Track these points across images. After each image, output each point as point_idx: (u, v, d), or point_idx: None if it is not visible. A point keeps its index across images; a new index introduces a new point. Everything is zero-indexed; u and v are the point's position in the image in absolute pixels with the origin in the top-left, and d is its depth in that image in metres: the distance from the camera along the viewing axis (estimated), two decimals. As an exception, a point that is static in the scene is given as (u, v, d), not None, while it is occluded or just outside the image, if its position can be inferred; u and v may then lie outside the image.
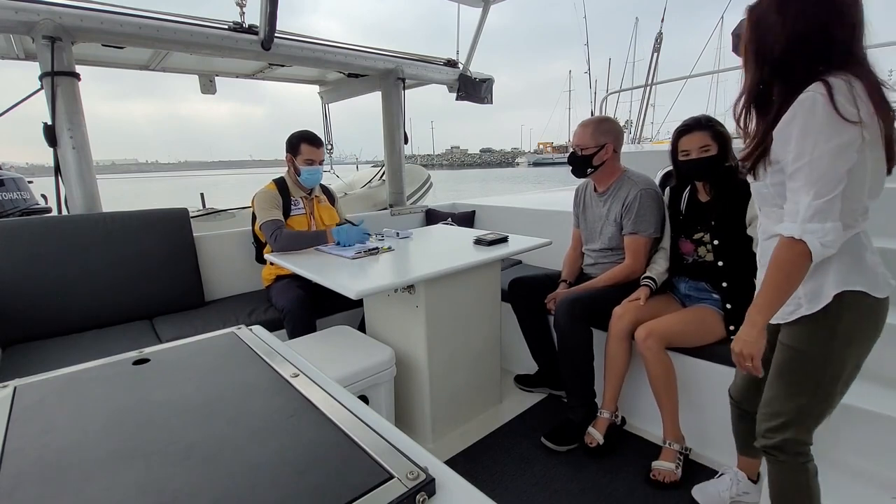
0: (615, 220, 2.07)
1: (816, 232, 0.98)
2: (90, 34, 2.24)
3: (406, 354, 1.98)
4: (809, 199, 0.98)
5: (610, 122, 2.14)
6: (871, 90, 0.97)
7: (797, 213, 1.00)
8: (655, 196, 2.00)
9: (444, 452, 1.92)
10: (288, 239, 2.19)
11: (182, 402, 0.71)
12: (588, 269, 2.27)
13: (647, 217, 1.97)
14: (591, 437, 1.90)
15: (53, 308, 2.09)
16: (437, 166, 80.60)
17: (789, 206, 1.03)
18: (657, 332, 1.73)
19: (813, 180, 0.98)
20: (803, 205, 0.99)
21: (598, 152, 2.03)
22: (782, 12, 1.03)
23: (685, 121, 1.81)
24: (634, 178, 2.05)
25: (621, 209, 2.03)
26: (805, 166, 0.98)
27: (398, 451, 0.56)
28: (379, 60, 3.28)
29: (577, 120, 9.27)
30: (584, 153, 2.04)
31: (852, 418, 1.50)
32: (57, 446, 0.60)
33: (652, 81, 4.88)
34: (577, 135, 2.09)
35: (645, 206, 1.96)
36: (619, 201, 2.05)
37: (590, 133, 2.04)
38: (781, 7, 1.04)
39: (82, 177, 2.26)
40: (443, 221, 3.44)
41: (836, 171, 0.97)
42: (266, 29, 2.54)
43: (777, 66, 1.06)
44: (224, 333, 0.98)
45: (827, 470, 1.47)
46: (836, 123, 0.95)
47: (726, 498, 1.56)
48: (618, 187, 2.08)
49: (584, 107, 53.52)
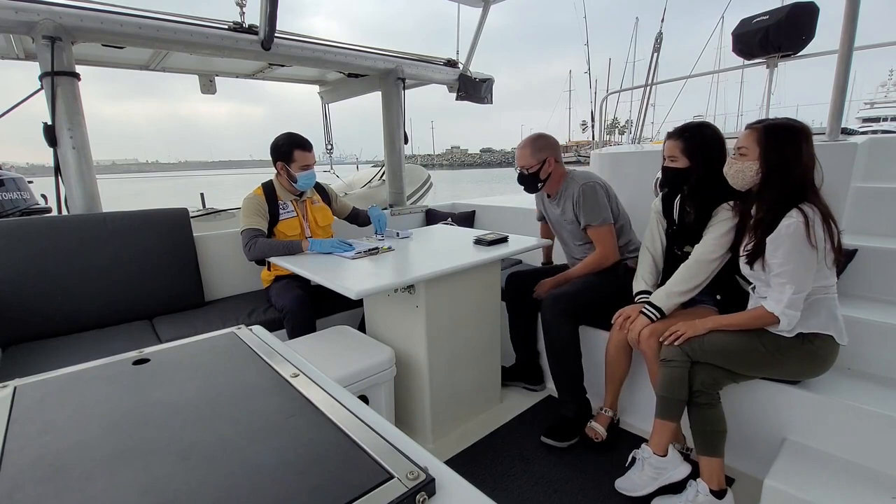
0: (571, 218, 2.21)
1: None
2: (90, 34, 2.24)
3: (406, 354, 1.98)
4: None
5: (544, 137, 2.24)
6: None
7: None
8: (595, 187, 2.13)
9: (444, 452, 1.92)
10: (260, 249, 2.17)
11: (182, 402, 0.71)
12: (566, 259, 2.42)
13: (594, 208, 2.11)
14: (595, 432, 1.93)
15: (53, 308, 2.09)
16: (437, 166, 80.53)
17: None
18: (658, 332, 1.73)
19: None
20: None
21: (541, 167, 2.18)
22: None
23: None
24: (576, 178, 2.20)
25: (573, 207, 2.18)
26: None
27: (398, 451, 0.56)
28: (379, 60, 3.27)
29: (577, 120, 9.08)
30: (531, 171, 2.19)
31: (852, 418, 1.50)
32: (57, 446, 0.60)
33: (652, 81, 4.87)
34: (519, 157, 2.23)
35: (588, 199, 2.11)
36: (568, 200, 2.21)
37: (529, 153, 2.18)
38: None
39: (82, 177, 2.25)
40: (443, 221, 3.44)
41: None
42: (266, 29, 2.54)
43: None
44: (224, 333, 0.98)
45: (827, 470, 1.47)
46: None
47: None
48: (565, 189, 2.23)
49: (584, 107, 53.49)
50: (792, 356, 1.52)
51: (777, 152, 1.47)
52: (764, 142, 1.49)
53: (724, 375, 1.57)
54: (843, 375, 1.67)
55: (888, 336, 1.64)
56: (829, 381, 1.62)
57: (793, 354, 1.52)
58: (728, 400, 1.71)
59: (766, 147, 1.49)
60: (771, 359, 1.53)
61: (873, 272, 1.88)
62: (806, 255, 1.41)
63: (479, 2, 3.47)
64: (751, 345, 1.54)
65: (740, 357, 1.55)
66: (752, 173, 1.52)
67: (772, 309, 1.48)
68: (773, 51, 2.79)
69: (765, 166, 1.49)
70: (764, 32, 2.74)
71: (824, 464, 1.50)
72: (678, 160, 1.78)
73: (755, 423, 1.70)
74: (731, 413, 1.74)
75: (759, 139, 1.50)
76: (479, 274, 2.07)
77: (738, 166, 1.55)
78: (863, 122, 24.50)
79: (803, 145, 1.46)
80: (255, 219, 2.25)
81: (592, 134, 7.06)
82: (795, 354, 1.51)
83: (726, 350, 1.56)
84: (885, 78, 35.46)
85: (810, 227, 1.39)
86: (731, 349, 1.55)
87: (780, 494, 1.39)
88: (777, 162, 1.47)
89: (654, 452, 1.61)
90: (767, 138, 1.49)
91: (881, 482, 1.40)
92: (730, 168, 1.58)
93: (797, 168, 1.45)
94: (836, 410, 1.53)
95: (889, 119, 24.81)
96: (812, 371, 1.56)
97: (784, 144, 1.47)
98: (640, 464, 1.64)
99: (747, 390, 1.69)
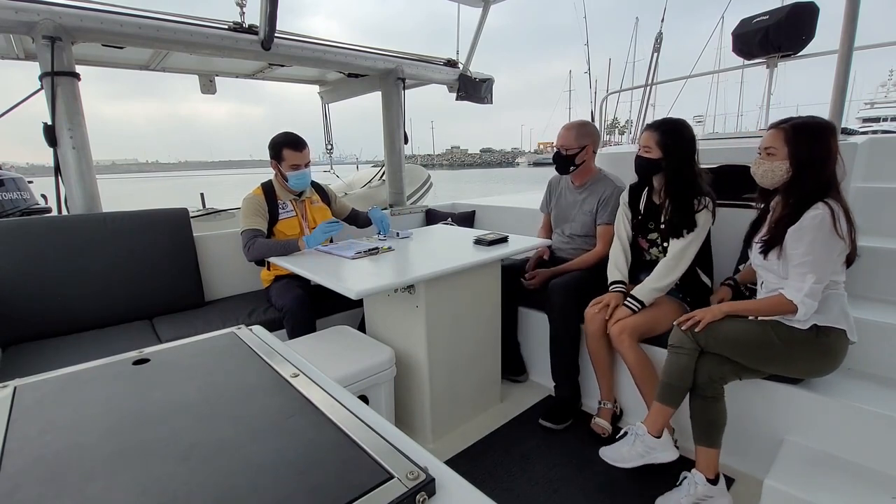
0: (590, 210, 2.29)
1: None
2: (90, 34, 2.24)
3: (406, 354, 1.98)
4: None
5: (590, 125, 2.32)
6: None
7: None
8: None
9: (444, 452, 1.92)
10: (258, 250, 2.17)
11: (182, 402, 0.71)
12: (558, 248, 2.47)
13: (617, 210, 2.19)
14: (602, 428, 1.98)
15: (53, 308, 2.09)
16: (437, 166, 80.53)
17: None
18: (629, 328, 1.83)
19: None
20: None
21: (579, 153, 2.26)
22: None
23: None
24: (612, 178, 2.30)
25: (597, 203, 2.26)
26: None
27: (398, 451, 0.56)
28: (379, 60, 3.27)
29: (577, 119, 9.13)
30: (568, 153, 2.26)
31: (852, 418, 1.50)
32: (57, 446, 0.60)
33: (652, 81, 4.88)
34: (562, 136, 2.29)
35: (618, 202, 2.19)
36: (595, 195, 2.28)
37: (573, 136, 2.25)
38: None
39: (82, 177, 2.25)
40: (443, 221, 3.44)
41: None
42: (266, 29, 2.54)
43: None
44: (224, 333, 0.98)
45: (827, 470, 1.47)
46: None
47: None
48: (594, 183, 2.31)
49: (584, 107, 53.51)
50: (805, 350, 1.50)
51: (807, 151, 1.48)
52: (793, 141, 1.49)
53: (732, 370, 1.56)
54: (844, 375, 1.67)
55: (888, 336, 1.64)
56: (829, 380, 1.62)
57: (806, 348, 1.50)
58: (729, 399, 1.72)
59: (795, 146, 1.49)
60: (784, 351, 1.51)
61: (874, 272, 1.88)
62: (831, 246, 1.42)
63: (479, 2, 3.47)
64: (765, 335, 1.52)
65: (753, 348, 1.53)
66: (782, 172, 1.52)
67: (791, 297, 1.47)
68: (773, 51, 2.79)
69: (795, 165, 1.49)
70: (764, 32, 2.74)
71: (824, 464, 1.50)
72: (652, 151, 1.87)
73: (755, 423, 1.70)
74: (732, 412, 1.74)
75: (787, 138, 1.50)
76: (479, 274, 2.07)
77: (767, 166, 1.54)
78: (863, 122, 24.53)
79: (832, 141, 1.47)
80: (254, 219, 2.25)
81: (592, 134, 7.06)
82: (808, 348, 1.50)
83: (739, 340, 1.54)
84: (885, 78, 35.48)
85: (836, 220, 1.41)
86: (744, 339, 1.54)
87: (780, 494, 1.39)
88: (807, 160, 1.47)
89: (649, 432, 1.64)
90: (796, 137, 1.49)
91: (881, 482, 1.40)
92: (758, 168, 1.58)
93: (828, 165, 1.46)
94: (836, 410, 1.53)
95: (889, 119, 24.84)
96: (822, 368, 1.54)
97: (813, 142, 1.47)
98: (631, 438, 1.68)
99: (749, 389, 1.69)
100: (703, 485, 1.52)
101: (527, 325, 2.49)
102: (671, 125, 1.87)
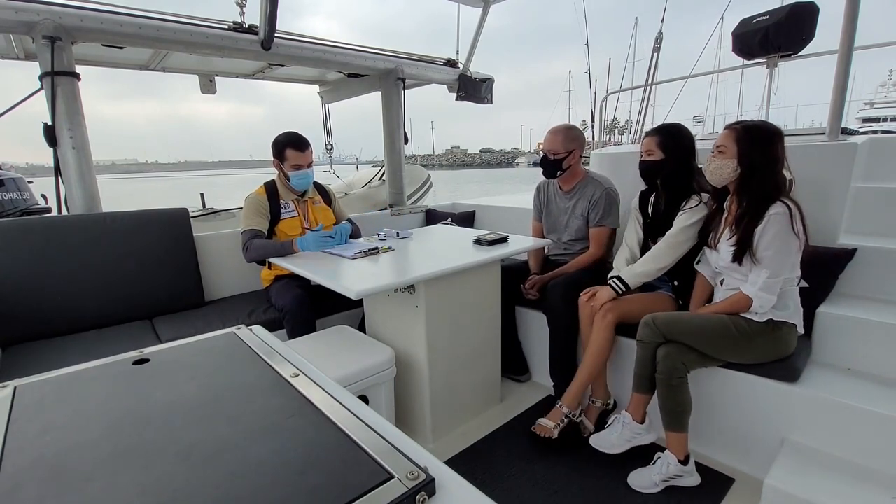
0: (581, 214, 2.31)
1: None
2: (90, 34, 2.24)
3: (406, 354, 1.98)
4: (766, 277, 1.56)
5: (576, 129, 2.32)
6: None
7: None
8: (616, 194, 2.30)
9: (444, 452, 1.92)
10: (255, 251, 2.18)
11: (182, 402, 0.71)
12: (554, 256, 2.48)
13: (612, 212, 2.27)
14: (545, 429, 1.93)
15: (53, 308, 2.09)
16: (437, 166, 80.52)
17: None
18: (616, 310, 1.90)
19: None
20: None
21: (567, 157, 2.27)
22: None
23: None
24: (599, 179, 2.31)
25: (588, 205, 2.28)
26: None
27: (398, 451, 0.56)
28: (379, 60, 3.27)
29: (577, 120, 9.11)
30: (556, 157, 2.27)
31: (852, 418, 1.50)
32: (57, 446, 0.60)
33: (652, 81, 4.88)
34: (548, 140, 2.29)
35: (610, 203, 2.26)
36: (585, 199, 2.30)
37: (560, 140, 2.26)
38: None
39: (82, 177, 2.25)
40: (443, 221, 3.44)
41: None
42: (266, 29, 2.54)
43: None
44: (224, 333, 0.98)
45: (827, 470, 1.47)
46: None
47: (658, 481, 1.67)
48: (583, 186, 2.32)
49: (583, 107, 53.48)
50: (759, 341, 1.62)
51: (754, 152, 1.57)
52: (742, 140, 1.58)
53: (695, 359, 1.65)
54: (844, 375, 1.67)
55: (888, 336, 1.64)
56: (829, 381, 1.63)
57: (760, 339, 1.62)
58: (729, 398, 1.73)
59: (743, 146, 1.58)
60: (740, 341, 1.62)
61: (873, 272, 1.88)
62: (789, 243, 1.52)
63: (479, 2, 3.47)
64: (723, 326, 1.63)
65: (715, 338, 1.63)
66: (730, 170, 1.61)
67: (747, 291, 1.59)
68: (773, 51, 2.78)
69: (744, 164, 1.59)
70: (764, 32, 2.74)
71: (824, 464, 1.50)
72: (654, 153, 1.94)
73: (755, 423, 1.70)
74: (731, 412, 1.75)
75: (737, 138, 1.59)
76: (479, 274, 2.07)
77: (717, 163, 1.63)
78: (863, 123, 24.51)
79: (779, 146, 1.57)
80: (254, 219, 2.25)
81: (592, 134, 7.07)
82: (762, 339, 1.62)
83: (700, 329, 1.65)
84: (885, 78, 35.46)
85: (793, 218, 1.51)
86: (704, 328, 1.65)
87: (780, 494, 1.39)
88: (754, 161, 1.57)
89: (634, 419, 1.76)
90: (746, 136, 1.58)
91: (881, 482, 1.40)
92: (709, 165, 1.66)
93: (776, 167, 1.56)
94: (836, 410, 1.53)
95: (889, 119, 24.82)
96: (775, 355, 1.65)
97: (761, 144, 1.57)
98: (618, 426, 1.78)
99: (749, 389, 1.69)
100: (675, 465, 1.64)
101: (527, 326, 2.49)
102: (669, 127, 1.96)
